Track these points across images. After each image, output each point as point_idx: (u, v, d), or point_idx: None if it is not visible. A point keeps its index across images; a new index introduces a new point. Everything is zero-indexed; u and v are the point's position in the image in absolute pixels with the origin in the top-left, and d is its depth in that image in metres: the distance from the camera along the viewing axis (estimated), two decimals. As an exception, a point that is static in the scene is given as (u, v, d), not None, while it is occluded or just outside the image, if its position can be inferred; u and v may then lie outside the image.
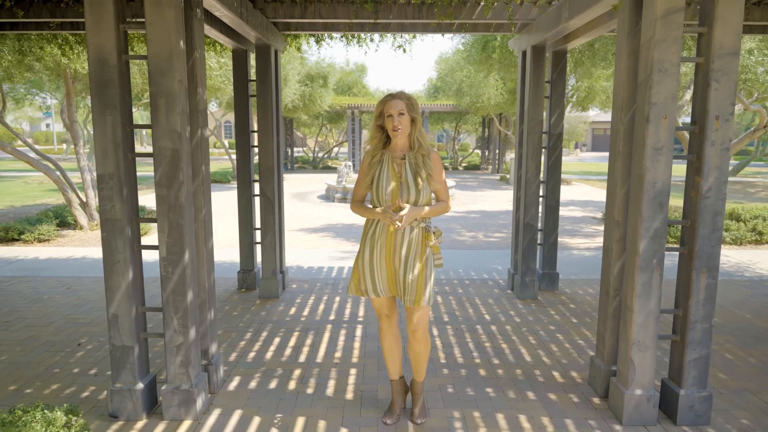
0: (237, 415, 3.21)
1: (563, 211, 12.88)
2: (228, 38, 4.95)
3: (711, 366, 3.95)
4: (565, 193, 17.01)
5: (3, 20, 5.20)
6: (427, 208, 2.87)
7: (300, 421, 3.14)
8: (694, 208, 3.01)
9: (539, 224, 5.76)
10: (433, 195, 2.98)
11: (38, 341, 4.37)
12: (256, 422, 3.13)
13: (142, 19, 4.81)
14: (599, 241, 9.16)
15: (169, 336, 3.09)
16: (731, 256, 7.73)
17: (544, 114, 5.59)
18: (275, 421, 3.13)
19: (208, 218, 3.41)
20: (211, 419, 3.15)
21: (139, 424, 3.08)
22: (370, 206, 2.94)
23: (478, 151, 33.82)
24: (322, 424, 3.12)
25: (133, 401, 3.10)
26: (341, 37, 6.19)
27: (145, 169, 21.71)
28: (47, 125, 54.83)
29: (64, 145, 40.25)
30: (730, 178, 23.16)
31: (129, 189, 3.00)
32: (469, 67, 14.08)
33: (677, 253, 3.17)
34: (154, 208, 10.40)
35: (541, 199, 5.70)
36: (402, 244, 2.87)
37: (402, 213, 2.73)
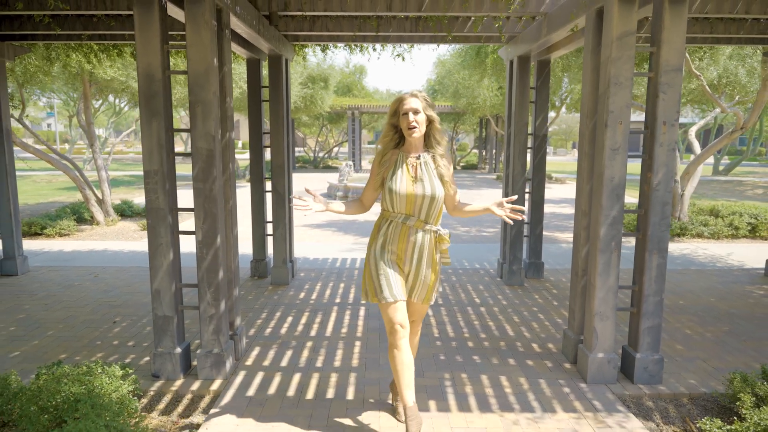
0: (260, 376, 3.76)
1: (556, 208, 13.45)
2: (244, 49, 5.51)
3: (671, 339, 4.51)
4: (560, 191, 17.59)
5: (38, 32, 5.76)
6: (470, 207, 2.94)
7: (314, 380, 3.70)
8: (647, 199, 3.57)
9: (526, 218, 6.32)
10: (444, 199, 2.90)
11: (77, 320, 4.93)
12: (276, 381, 3.68)
13: (182, 32, 5.35)
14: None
15: (203, 307, 3.64)
16: (708, 249, 8.30)
17: (530, 117, 6.14)
18: (292, 381, 3.69)
19: (234, 208, 3.97)
20: (238, 379, 3.71)
21: (178, 383, 3.63)
22: (344, 206, 2.93)
23: (476, 151, 34.35)
24: (333, 382, 3.68)
25: (172, 363, 3.65)
26: (345, 46, 6.74)
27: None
28: (48, 125, 55.31)
29: (66, 145, 40.72)
30: (722, 177, 23.74)
31: (170, 183, 3.56)
32: (464, 71, 14.68)
33: (634, 238, 3.72)
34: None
35: (527, 195, 6.26)
36: (414, 250, 2.82)
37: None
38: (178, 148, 34.72)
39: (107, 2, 4.69)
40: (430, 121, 2.80)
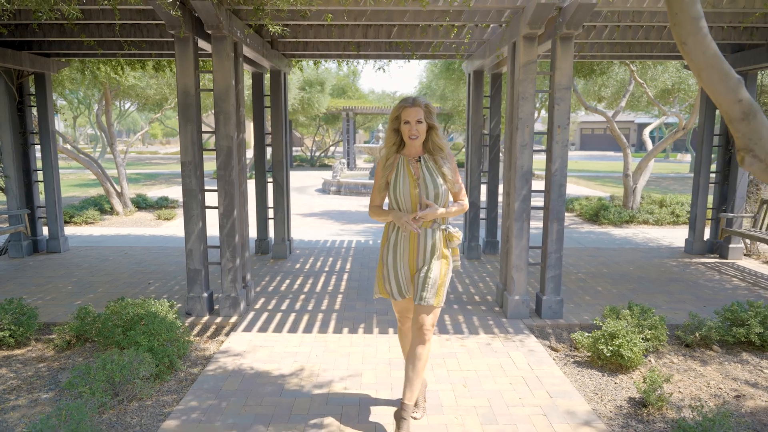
0: (265, 314, 5.07)
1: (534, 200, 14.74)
2: (250, 66, 6.80)
3: (584, 293, 5.82)
4: (534, 185, 18.85)
5: (81, 51, 7.04)
6: (443, 210, 2.88)
7: (305, 317, 5.00)
8: (549, 182, 4.87)
9: (482, 203, 7.62)
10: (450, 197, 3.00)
11: (119, 282, 6.22)
12: (278, 317, 4.99)
13: (208, 51, 6.59)
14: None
15: (224, 263, 4.94)
16: (648, 233, 9.62)
17: (486, 120, 7.45)
18: (290, 317, 4.99)
19: (245, 190, 5.26)
20: (250, 316, 5.01)
21: (205, 318, 4.93)
22: (386, 209, 3.00)
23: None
24: (319, 318, 4.98)
25: (201, 304, 4.95)
26: (333, 61, 8.03)
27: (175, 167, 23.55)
28: (50, 126, 56.53)
29: (68, 146, 41.93)
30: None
31: (200, 171, 4.85)
32: (443, 80, 16.12)
33: (542, 211, 5.02)
34: (174, 198, 12.25)
35: (484, 185, 7.57)
36: (425, 248, 2.89)
37: (421, 213, 2.81)
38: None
39: (144, 31, 5.99)
40: (430, 128, 2.88)
